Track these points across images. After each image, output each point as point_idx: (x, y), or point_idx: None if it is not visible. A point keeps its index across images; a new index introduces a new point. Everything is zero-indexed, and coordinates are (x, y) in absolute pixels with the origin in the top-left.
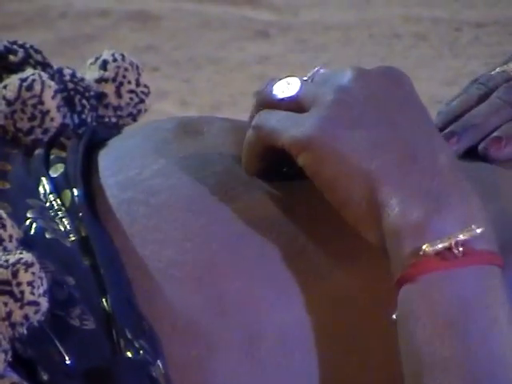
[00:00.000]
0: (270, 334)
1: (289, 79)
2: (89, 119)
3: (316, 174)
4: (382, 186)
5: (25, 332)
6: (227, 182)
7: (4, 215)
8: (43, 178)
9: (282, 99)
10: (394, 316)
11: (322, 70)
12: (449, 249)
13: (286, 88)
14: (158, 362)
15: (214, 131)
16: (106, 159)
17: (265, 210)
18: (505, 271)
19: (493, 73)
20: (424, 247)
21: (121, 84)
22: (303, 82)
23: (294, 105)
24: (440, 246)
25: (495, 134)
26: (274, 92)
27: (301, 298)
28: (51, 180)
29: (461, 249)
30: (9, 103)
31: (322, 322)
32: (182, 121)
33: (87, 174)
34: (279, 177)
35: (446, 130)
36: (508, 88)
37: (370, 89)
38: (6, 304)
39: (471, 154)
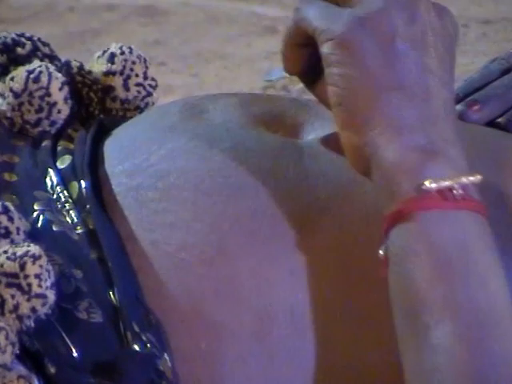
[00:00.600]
0: (281, 316)
1: None
2: (96, 112)
3: (331, 67)
4: (386, 116)
5: (32, 325)
6: (235, 158)
7: (11, 208)
8: (50, 170)
9: None
10: (380, 252)
11: None
12: (450, 190)
13: None
14: (165, 356)
15: (220, 108)
16: (112, 148)
17: (276, 186)
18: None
19: None
20: (426, 183)
21: (128, 77)
22: None
23: None
24: (443, 184)
25: None
26: None
27: (312, 277)
28: (58, 172)
29: (461, 192)
30: (16, 95)
31: (334, 301)
32: (186, 102)
33: (94, 164)
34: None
35: (468, 98)
36: None
37: (414, 14)
38: (13, 296)
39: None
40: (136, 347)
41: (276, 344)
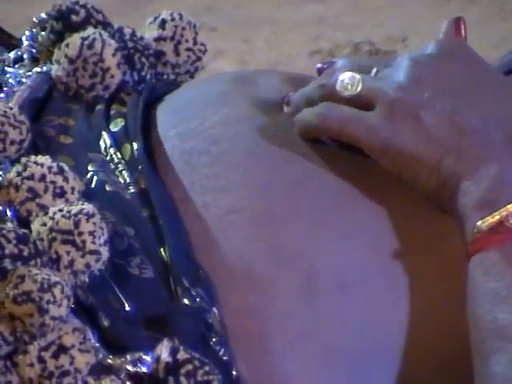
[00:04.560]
0: (327, 276)
1: (351, 75)
2: (148, 76)
3: (397, 173)
4: (452, 179)
5: (86, 280)
6: (287, 131)
7: (66, 168)
8: (104, 133)
9: (346, 97)
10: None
11: (385, 70)
12: (501, 222)
13: (349, 84)
14: (214, 309)
15: (269, 81)
16: (165, 113)
17: (324, 158)
18: None
19: None
20: (478, 223)
21: (179, 42)
22: (365, 79)
23: (357, 102)
24: (491, 221)
25: None
26: (337, 88)
27: (359, 242)
28: (111, 134)
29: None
30: (71, 61)
31: (380, 265)
32: (238, 74)
33: (147, 128)
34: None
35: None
36: None
37: (424, 79)
38: (68, 253)
39: None
40: (186, 301)
41: (323, 305)
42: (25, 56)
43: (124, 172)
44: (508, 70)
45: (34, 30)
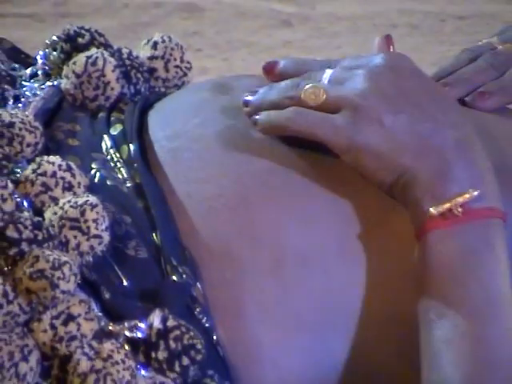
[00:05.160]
0: (293, 256)
1: (313, 86)
2: (142, 89)
3: (358, 167)
4: (406, 174)
5: (90, 260)
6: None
7: (74, 166)
8: (105, 136)
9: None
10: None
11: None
12: (450, 210)
13: (313, 94)
14: (198, 284)
15: (242, 85)
16: (155, 118)
17: (291, 151)
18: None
19: (480, 43)
20: (431, 209)
21: (168, 61)
22: (327, 88)
23: (322, 108)
24: (441, 208)
25: (480, 89)
26: (302, 99)
27: (321, 225)
28: (112, 137)
29: (460, 209)
30: (77, 76)
31: (339, 245)
32: (215, 81)
33: (141, 131)
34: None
35: (440, 81)
36: (493, 54)
37: (382, 88)
38: (75, 237)
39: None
40: (174, 278)
41: (289, 280)
42: (39, 72)
43: (122, 169)
44: (450, 69)
45: (46, 51)
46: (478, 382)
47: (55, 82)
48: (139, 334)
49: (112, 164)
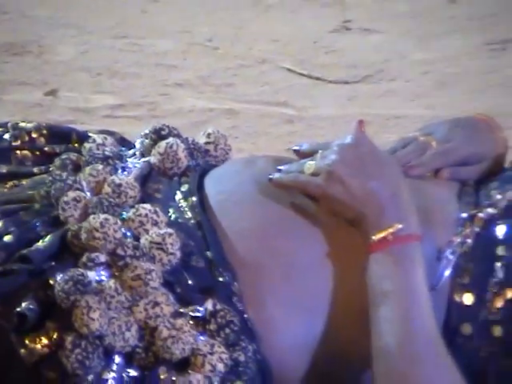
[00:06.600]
0: (300, 265)
1: (310, 163)
2: (201, 163)
3: (331, 209)
4: (360, 215)
5: (168, 268)
6: (270, 189)
7: (158, 210)
8: (177, 192)
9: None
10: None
11: (316, 161)
12: (385, 237)
13: (308, 168)
14: (235, 283)
15: (263, 161)
16: (208, 181)
17: (293, 197)
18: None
19: (410, 135)
20: (373, 237)
21: (217, 145)
22: (316, 163)
23: (313, 174)
24: (379, 236)
25: (410, 164)
26: (304, 171)
27: (320, 243)
28: (182, 192)
29: (391, 236)
30: (161, 155)
31: (335, 260)
32: (246, 159)
33: (200, 189)
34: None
35: None
36: (417, 143)
37: (346, 159)
38: (159, 254)
39: None
40: (220, 279)
41: (295, 282)
42: (137, 153)
43: (188, 212)
44: (392, 151)
45: (142, 139)
46: (407, 344)
47: (147, 159)
48: (199, 314)
49: (182, 209)
